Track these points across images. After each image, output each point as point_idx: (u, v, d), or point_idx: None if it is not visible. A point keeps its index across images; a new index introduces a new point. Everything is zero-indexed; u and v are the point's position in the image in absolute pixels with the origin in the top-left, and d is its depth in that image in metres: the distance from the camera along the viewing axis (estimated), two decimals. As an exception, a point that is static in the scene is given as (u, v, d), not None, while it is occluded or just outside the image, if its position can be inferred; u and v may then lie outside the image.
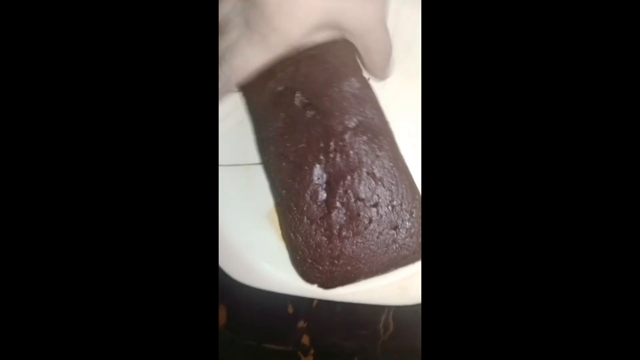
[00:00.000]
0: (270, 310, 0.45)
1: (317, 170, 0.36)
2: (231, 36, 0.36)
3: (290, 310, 0.45)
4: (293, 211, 0.37)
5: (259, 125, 0.38)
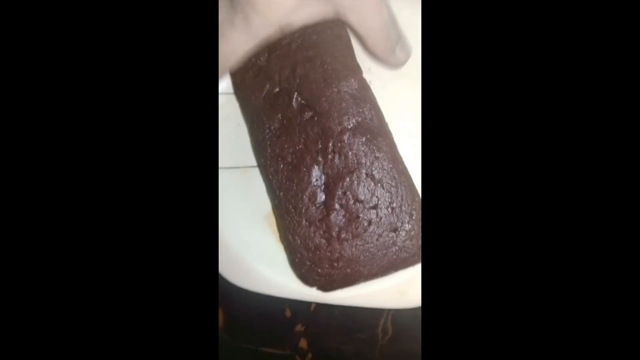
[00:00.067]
0: (267, 313, 0.45)
1: (315, 171, 0.36)
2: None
3: (288, 313, 0.45)
4: (291, 213, 0.36)
5: (256, 127, 0.38)
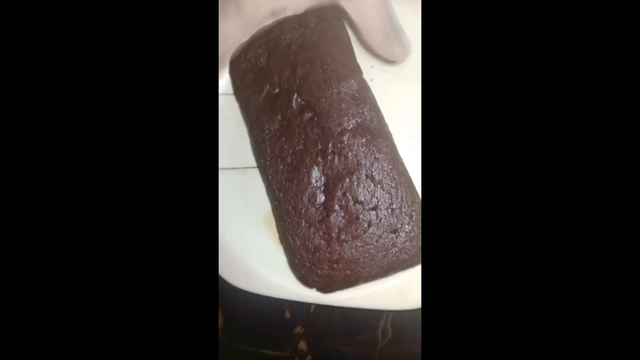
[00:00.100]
0: (267, 315, 0.45)
1: (315, 172, 0.36)
2: None
3: (287, 315, 0.45)
4: (291, 214, 0.36)
5: (255, 128, 0.38)
